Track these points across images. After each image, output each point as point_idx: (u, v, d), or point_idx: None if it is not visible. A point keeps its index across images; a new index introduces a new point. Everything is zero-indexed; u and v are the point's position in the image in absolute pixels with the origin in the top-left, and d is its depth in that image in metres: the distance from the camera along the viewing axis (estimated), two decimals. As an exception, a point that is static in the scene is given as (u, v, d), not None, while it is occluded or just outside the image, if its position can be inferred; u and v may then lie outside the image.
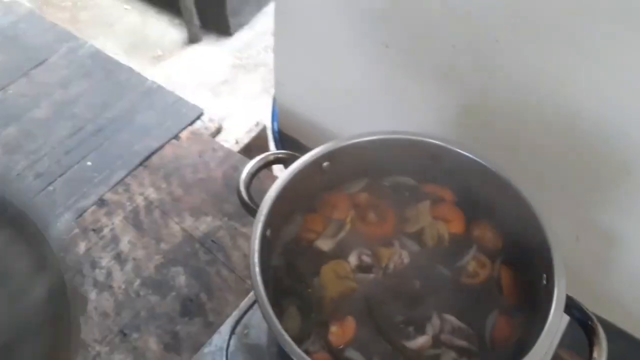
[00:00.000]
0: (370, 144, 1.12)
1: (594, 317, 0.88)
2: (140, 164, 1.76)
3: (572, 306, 0.90)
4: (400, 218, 1.15)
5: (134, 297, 1.48)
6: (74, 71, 2.01)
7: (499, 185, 1.06)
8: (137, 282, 1.51)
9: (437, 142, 1.11)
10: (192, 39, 3.13)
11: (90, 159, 1.75)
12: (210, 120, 1.92)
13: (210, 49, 3.23)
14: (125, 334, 1.41)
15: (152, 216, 1.65)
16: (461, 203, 1.18)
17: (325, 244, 1.10)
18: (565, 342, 1.17)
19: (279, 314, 1.01)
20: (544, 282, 0.95)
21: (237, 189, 1.03)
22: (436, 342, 0.98)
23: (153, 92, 1.96)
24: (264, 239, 0.97)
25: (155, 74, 2.73)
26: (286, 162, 1.08)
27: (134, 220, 1.63)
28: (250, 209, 1.00)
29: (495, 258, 1.09)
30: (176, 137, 1.86)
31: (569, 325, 1.14)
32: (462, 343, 0.97)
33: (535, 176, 1.26)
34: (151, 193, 1.71)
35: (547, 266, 0.94)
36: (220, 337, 1.18)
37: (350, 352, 0.96)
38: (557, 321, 0.86)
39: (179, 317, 1.45)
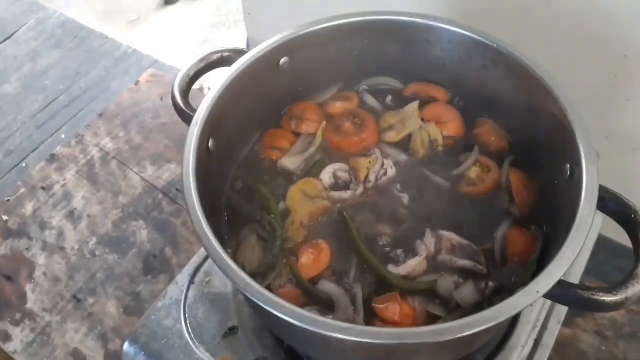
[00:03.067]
0: (339, 33, 0.90)
1: (637, 208, 0.65)
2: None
3: (607, 198, 0.68)
4: (383, 126, 0.94)
5: (90, 258, 1.31)
6: (43, 42, 1.91)
7: (506, 67, 0.84)
8: (93, 241, 1.34)
9: (426, 22, 0.88)
10: (168, 1, 2.89)
11: (64, 131, 1.63)
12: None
13: (188, 9, 3.00)
14: (79, 300, 1.24)
15: (108, 168, 1.47)
16: (456, 101, 0.97)
17: (291, 162, 0.90)
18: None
19: (235, 246, 0.80)
20: (567, 174, 0.74)
21: (171, 96, 0.81)
22: (432, 264, 0.79)
23: (128, 57, 1.85)
24: (205, 153, 0.76)
25: (131, 39, 2.58)
26: (234, 62, 0.86)
27: (89, 174, 1.46)
28: (187, 117, 0.78)
29: (503, 160, 0.89)
30: (135, 82, 1.64)
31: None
32: (466, 263, 0.76)
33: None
34: (107, 143, 1.52)
35: (572, 154, 0.72)
36: (177, 287, 0.98)
37: (325, 285, 0.76)
38: (588, 217, 0.65)
39: (141, 276, 1.28)
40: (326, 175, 0.88)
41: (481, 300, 0.74)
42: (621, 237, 0.70)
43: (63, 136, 1.60)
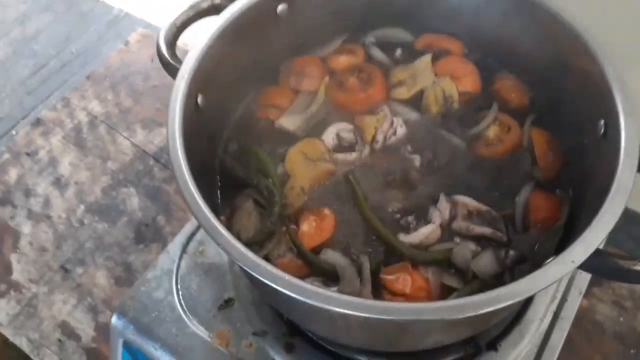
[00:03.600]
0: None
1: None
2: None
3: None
4: (391, 81, 0.86)
5: (78, 227, 1.23)
6: (32, 5, 1.84)
7: (530, 13, 0.75)
8: (81, 209, 1.26)
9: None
10: (159, -41, 2.73)
11: (55, 98, 1.56)
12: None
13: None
14: (67, 270, 1.18)
15: (96, 132, 1.39)
16: (473, 54, 0.88)
17: (290, 122, 0.82)
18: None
19: (230, 213, 0.72)
20: (600, 132, 0.66)
21: (156, 46, 0.72)
22: (446, 232, 0.72)
23: (120, 21, 1.79)
24: (194, 111, 0.68)
25: (122, 2, 2.52)
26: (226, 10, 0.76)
27: (76, 139, 1.37)
28: (174, 70, 0.69)
29: (524, 118, 0.81)
30: (125, 42, 1.55)
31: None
32: (484, 230, 0.69)
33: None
34: (95, 106, 1.43)
35: (606, 109, 0.64)
36: (168, 257, 0.91)
37: (328, 254, 0.69)
38: (628, 179, 0.57)
39: (132, 245, 1.20)
40: (329, 136, 0.80)
41: (501, 271, 0.67)
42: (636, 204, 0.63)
43: (54, 102, 1.54)
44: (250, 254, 0.57)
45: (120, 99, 1.44)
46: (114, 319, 0.88)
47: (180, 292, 0.87)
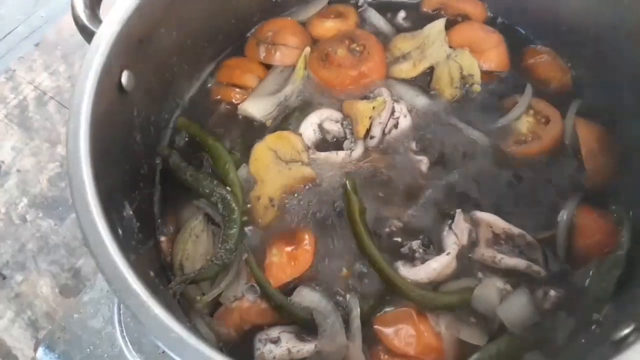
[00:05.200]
0: None
1: None
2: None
3: None
4: (393, 54, 0.69)
5: (19, 224, 1.07)
6: None
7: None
8: (23, 202, 1.09)
9: None
10: None
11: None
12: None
13: None
14: (4, 277, 1.02)
15: (45, 111, 1.21)
16: (499, 20, 0.71)
17: (257, 107, 0.65)
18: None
19: (173, 231, 0.55)
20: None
21: (70, 3, 0.52)
22: (465, 263, 0.55)
23: None
24: (115, 93, 0.51)
25: None
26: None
27: (20, 119, 1.20)
28: (91, 34, 0.50)
29: (566, 106, 0.64)
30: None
31: None
32: (517, 262, 0.53)
33: None
34: (44, 80, 1.28)
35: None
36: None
37: (304, 295, 0.53)
38: None
39: (82, 246, 1.04)
40: (309, 128, 0.64)
41: (539, 321, 0.49)
42: None
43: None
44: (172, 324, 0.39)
45: (74, 71, 1.29)
46: (39, 354, 0.76)
47: (123, 322, 0.73)
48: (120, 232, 0.46)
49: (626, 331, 0.39)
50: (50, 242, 1.05)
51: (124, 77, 0.52)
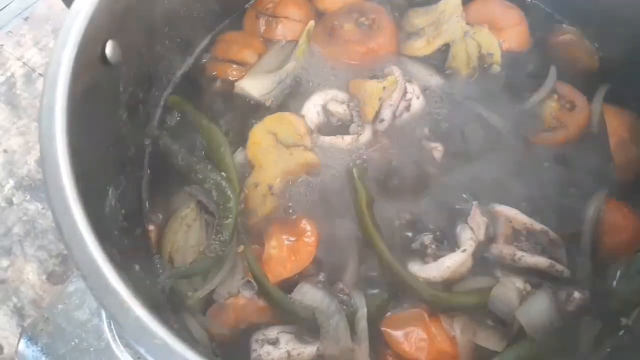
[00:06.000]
0: None
1: None
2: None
3: None
4: (405, 29, 0.65)
5: (5, 207, 1.03)
6: None
7: None
8: (10, 184, 1.06)
9: None
10: None
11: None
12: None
13: None
14: None
15: (33, 88, 1.17)
16: None
17: (256, 86, 0.60)
18: None
19: (162, 221, 0.51)
20: None
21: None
22: (481, 263, 0.51)
23: None
24: (97, 65, 0.47)
25: None
26: None
27: (7, 96, 1.16)
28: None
29: (594, 91, 0.60)
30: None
31: None
32: (538, 261, 0.51)
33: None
34: (34, 55, 1.24)
35: None
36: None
37: (306, 292, 0.50)
38: None
39: None
40: (312, 109, 0.60)
41: (561, 325, 0.45)
42: None
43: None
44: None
45: (64, 46, 1.22)
46: (22, 347, 0.74)
47: (110, 314, 0.68)
48: (100, 220, 0.42)
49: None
50: (37, 226, 1.04)
51: (108, 48, 0.48)
